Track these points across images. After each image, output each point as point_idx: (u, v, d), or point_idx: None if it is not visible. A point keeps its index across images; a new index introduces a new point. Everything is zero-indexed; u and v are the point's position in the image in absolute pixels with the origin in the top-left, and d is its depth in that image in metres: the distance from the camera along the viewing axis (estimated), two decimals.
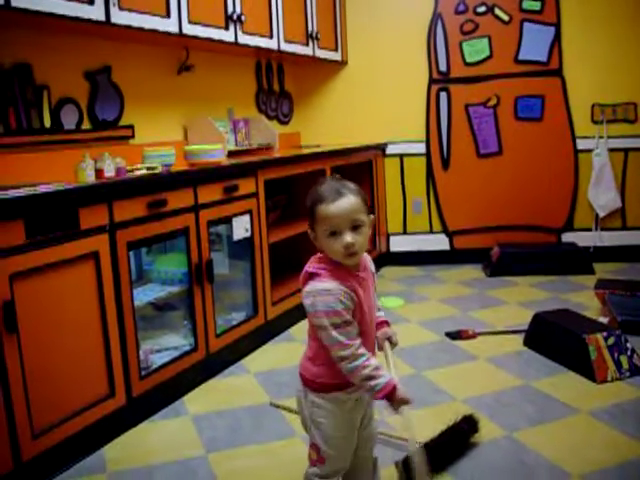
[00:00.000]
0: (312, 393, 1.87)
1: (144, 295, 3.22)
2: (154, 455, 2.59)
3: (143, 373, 2.90)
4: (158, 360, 3.08)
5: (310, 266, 1.81)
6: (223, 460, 2.54)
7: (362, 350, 1.74)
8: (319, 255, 1.84)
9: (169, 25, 3.41)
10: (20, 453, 2.30)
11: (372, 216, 1.82)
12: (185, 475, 2.43)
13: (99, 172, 2.94)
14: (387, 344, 1.93)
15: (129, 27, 3.14)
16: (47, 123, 3.12)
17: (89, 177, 2.88)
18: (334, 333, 1.71)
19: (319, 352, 1.83)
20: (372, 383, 1.72)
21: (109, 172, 2.95)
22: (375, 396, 1.74)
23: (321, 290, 1.74)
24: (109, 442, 2.70)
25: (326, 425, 1.87)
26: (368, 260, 1.93)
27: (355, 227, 1.74)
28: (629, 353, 3.15)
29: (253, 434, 2.74)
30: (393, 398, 1.73)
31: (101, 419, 2.65)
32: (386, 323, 1.98)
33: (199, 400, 3.10)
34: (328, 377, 1.83)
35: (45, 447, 2.40)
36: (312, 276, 1.79)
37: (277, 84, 5.33)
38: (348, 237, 1.72)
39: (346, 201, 1.74)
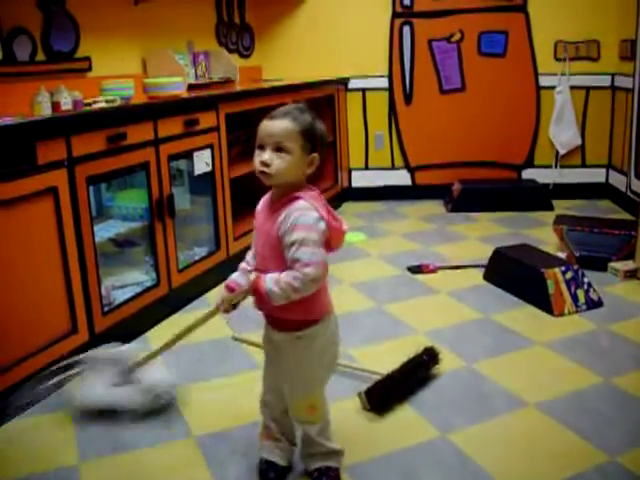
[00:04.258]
0: None
1: (104, 231, 3.18)
2: None
3: (105, 309, 2.88)
4: (120, 296, 3.06)
5: None
6: (189, 392, 2.56)
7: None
8: None
9: None
10: None
11: (314, 154, 1.77)
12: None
13: (56, 105, 2.87)
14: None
15: None
16: None
17: (46, 110, 2.81)
18: None
19: None
20: None
21: (66, 105, 2.89)
22: None
23: None
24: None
25: None
26: (293, 210, 1.72)
27: (279, 149, 1.72)
28: (586, 287, 3.22)
29: (217, 367, 2.76)
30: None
31: (64, 356, 2.63)
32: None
33: (162, 335, 3.07)
34: None
35: (8, 384, 2.37)
36: None
37: (238, 16, 5.20)
38: (266, 154, 1.72)
39: (280, 122, 1.73)
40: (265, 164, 1.72)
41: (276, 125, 1.72)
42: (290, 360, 1.86)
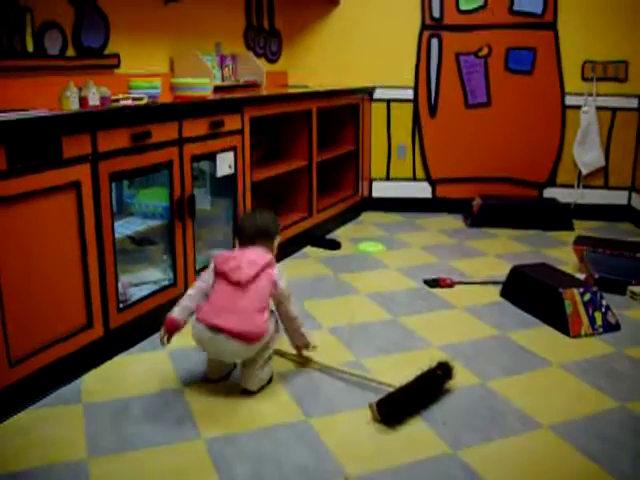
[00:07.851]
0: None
1: (124, 228, 3.19)
2: (130, 387, 2.60)
3: (121, 306, 2.89)
4: (137, 293, 3.07)
5: (267, 255, 2.62)
6: (199, 394, 2.55)
7: None
8: (262, 249, 2.66)
9: None
10: None
11: None
12: (161, 407, 2.44)
13: (83, 100, 2.87)
14: None
15: None
16: (30, 48, 3.03)
17: (73, 105, 2.82)
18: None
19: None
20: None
21: (93, 101, 2.89)
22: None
23: None
24: (86, 373, 2.70)
25: None
26: None
27: None
28: (604, 310, 3.19)
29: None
30: None
31: (78, 350, 2.64)
32: None
33: (176, 335, 3.09)
34: None
35: (22, 375, 2.38)
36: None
37: (267, 21, 5.21)
38: None
39: None
40: None
41: None
42: None
